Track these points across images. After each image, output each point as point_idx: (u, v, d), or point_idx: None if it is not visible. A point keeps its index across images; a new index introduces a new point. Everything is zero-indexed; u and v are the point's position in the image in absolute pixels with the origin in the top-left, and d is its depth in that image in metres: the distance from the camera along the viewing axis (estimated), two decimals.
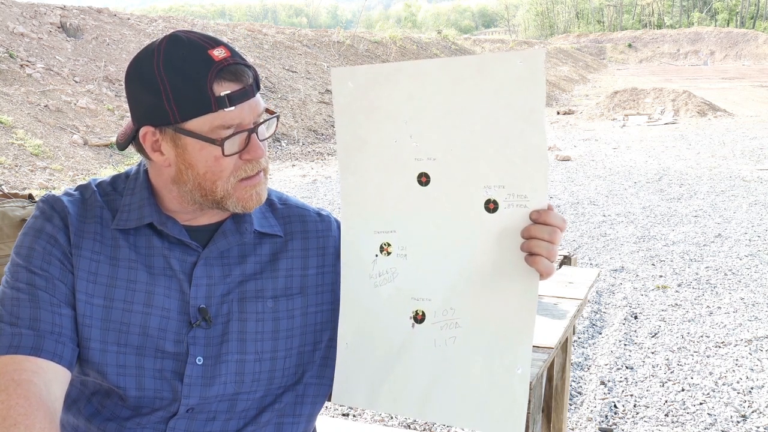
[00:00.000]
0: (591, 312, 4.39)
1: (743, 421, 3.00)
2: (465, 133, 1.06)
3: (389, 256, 1.12)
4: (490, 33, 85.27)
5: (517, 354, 1.07)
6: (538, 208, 1.04)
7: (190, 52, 1.03)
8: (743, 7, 76.33)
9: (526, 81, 1.03)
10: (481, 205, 1.06)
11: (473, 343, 1.09)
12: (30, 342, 1.01)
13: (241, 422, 1.11)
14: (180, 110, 1.02)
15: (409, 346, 1.12)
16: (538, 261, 1.03)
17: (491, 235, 1.06)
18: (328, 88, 16.66)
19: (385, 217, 1.12)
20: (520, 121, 1.04)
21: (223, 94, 1.02)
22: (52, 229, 1.08)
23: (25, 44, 12.05)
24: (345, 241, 1.15)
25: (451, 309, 1.10)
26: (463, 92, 1.06)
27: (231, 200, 1.08)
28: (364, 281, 1.14)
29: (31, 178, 7.90)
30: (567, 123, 16.47)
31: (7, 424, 0.92)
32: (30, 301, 1.04)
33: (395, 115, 1.09)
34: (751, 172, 9.23)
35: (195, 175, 1.06)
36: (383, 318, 1.14)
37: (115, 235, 1.10)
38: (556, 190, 8.42)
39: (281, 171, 10.25)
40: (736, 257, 5.51)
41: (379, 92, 1.09)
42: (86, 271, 1.07)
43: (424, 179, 1.09)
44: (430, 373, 1.12)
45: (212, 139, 1.03)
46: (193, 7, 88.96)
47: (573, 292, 1.95)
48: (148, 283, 1.08)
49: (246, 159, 1.06)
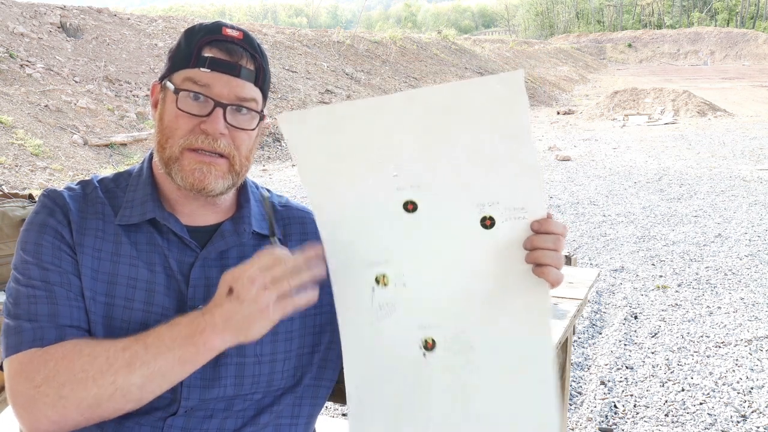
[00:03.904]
0: (591, 312, 4.39)
1: (743, 421, 2.99)
2: (449, 160, 1.04)
3: (387, 287, 1.07)
4: (490, 33, 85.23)
5: (537, 365, 1.04)
6: (537, 218, 1.03)
7: (210, 24, 1.10)
8: (743, 7, 76.29)
9: (507, 102, 1.01)
10: (477, 222, 1.04)
11: (490, 363, 1.06)
12: (53, 335, 1.01)
13: (239, 422, 1.11)
14: (172, 63, 1.10)
15: (424, 377, 1.08)
16: (547, 271, 1.01)
17: (491, 250, 1.04)
18: (328, 88, 16.67)
19: (375, 248, 1.07)
20: (507, 141, 1.02)
21: (207, 55, 1.07)
22: (56, 224, 1.07)
23: (25, 44, 12.05)
24: (336, 281, 1.09)
25: (463, 332, 1.06)
26: (442, 119, 1.03)
27: (175, 167, 1.08)
28: (363, 318, 1.09)
29: (31, 178, 7.89)
30: (567, 123, 16.47)
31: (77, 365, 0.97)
32: (47, 298, 1.03)
33: (366, 149, 1.06)
34: (751, 172, 9.22)
35: (161, 128, 1.10)
36: (391, 353, 1.09)
37: (117, 231, 1.10)
38: (556, 190, 8.42)
39: (281, 171, 10.24)
40: (736, 257, 5.51)
41: (340, 131, 1.06)
42: (89, 267, 1.07)
43: (410, 206, 1.06)
44: (451, 401, 1.07)
45: (176, 88, 1.07)
46: (193, 7, 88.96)
47: (573, 292, 1.95)
48: (148, 281, 1.08)
49: (203, 129, 1.07)
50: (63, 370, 0.97)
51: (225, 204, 1.18)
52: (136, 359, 0.97)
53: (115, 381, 0.96)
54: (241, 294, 0.96)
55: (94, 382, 0.96)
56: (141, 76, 12.91)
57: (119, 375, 0.96)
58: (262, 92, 1.13)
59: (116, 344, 0.99)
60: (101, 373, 0.96)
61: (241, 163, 1.11)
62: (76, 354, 0.98)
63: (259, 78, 1.11)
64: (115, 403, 0.98)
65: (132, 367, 0.97)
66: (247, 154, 1.13)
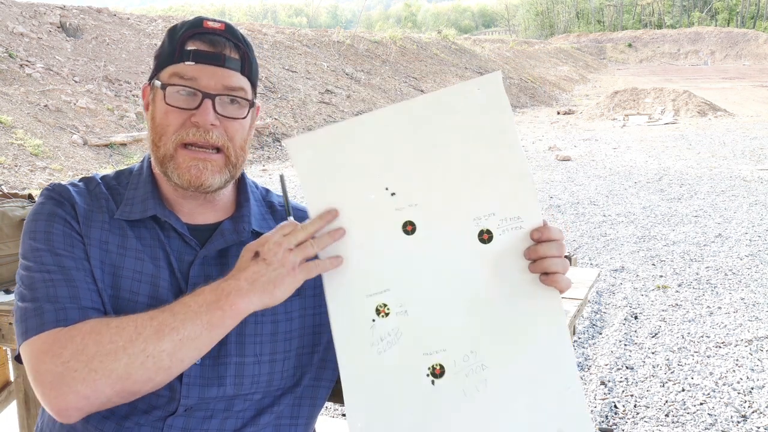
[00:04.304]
0: (591, 312, 4.39)
1: (743, 421, 2.99)
2: (442, 172, 1.03)
3: (388, 317, 1.05)
4: (490, 33, 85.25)
5: (560, 372, 1.02)
6: (534, 227, 1.02)
7: (191, 20, 1.11)
8: (743, 7, 76.30)
9: (489, 107, 1.01)
10: (475, 238, 1.02)
11: (511, 379, 1.03)
12: (76, 315, 1.00)
13: (239, 422, 1.10)
14: (159, 62, 1.11)
15: (435, 406, 1.04)
16: (557, 279, 1.01)
17: (492, 265, 1.02)
18: (328, 88, 16.66)
19: (375, 278, 1.05)
20: (494, 146, 1.01)
21: (189, 49, 1.07)
22: (65, 214, 1.07)
23: (25, 44, 12.05)
24: (334, 315, 1.06)
25: (472, 352, 1.03)
26: (429, 133, 1.02)
27: (171, 165, 1.08)
28: (365, 352, 1.05)
29: (31, 178, 7.89)
30: (567, 123, 16.47)
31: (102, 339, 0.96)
32: (65, 281, 1.02)
33: (365, 169, 1.04)
34: (751, 172, 9.22)
35: (153, 127, 1.10)
36: (396, 385, 1.05)
37: (122, 224, 1.10)
38: (556, 190, 8.42)
39: (281, 171, 10.25)
40: (737, 257, 5.51)
41: (341, 152, 1.04)
42: (97, 259, 1.06)
43: (409, 228, 1.04)
44: (467, 426, 1.04)
45: (163, 84, 1.07)
46: (193, 7, 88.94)
47: (573, 292, 1.94)
48: (153, 275, 1.08)
49: (194, 122, 1.07)
50: (91, 343, 0.95)
51: (224, 203, 1.18)
52: (165, 326, 0.96)
53: (146, 348, 0.95)
54: (268, 257, 0.99)
55: (124, 352, 0.95)
56: (141, 75, 12.91)
57: (149, 342, 0.95)
58: (250, 81, 1.13)
59: (143, 315, 0.98)
60: (131, 341, 0.95)
61: (237, 154, 1.11)
62: (104, 326, 0.97)
63: (245, 67, 1.11)
64: (146, 372, 0.96)
65: (161, 333, 0.96)
66: (242, 144, 1.12)
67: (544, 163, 10.49)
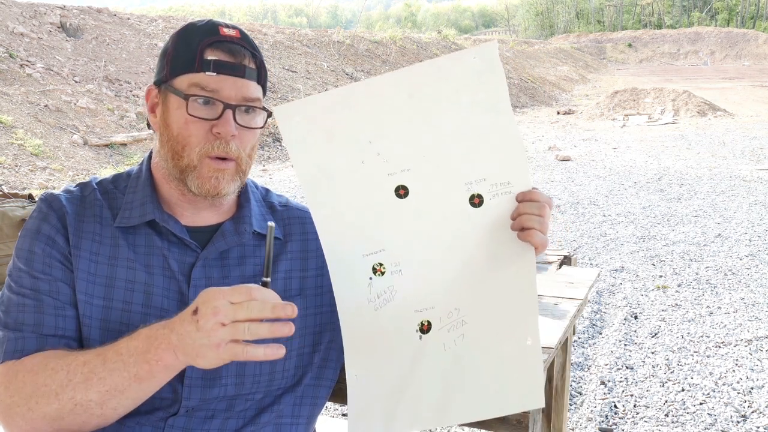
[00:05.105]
0: (591, 312, 4.39)
1: (743, 421, 2.99)
2: (435, 138, 1.06)
3: (384, 275, 1.10)
4: (490, 33, 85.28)
5: (524, 327, 1.06)
6: (522, 191, 1.05)
7: (204, 25, 1.10)
8: (743, 7, 76.30)
9: (485, 74, 1.03)
10: (466, 202, 1.06)
11: (482, 333, 1.08)
12: (33, 345, 1.03)
13: (240, 422, 1.11)
14: (172, 67, 1.08)
15: (419, 359, 1.10)
16: (531, 234, 1.03)
17: (482, 228, 1.06)
18: (328, 88, 16.66)
19: (370, 239, 1.09)
20: (488, 113, 1.04)
21: (210, 59, 1.06)
22: (49, 230, 1.08)
23: (25, 44, 12.05)
24: (334, 273, 1.10)
25: (456, 309, 1.09)
26: (424, 99, 1.05)
27: (192, 174, 1.08)
28: (363, 308, 1.10)
29: (31, 178, 7.89)
30: (567, 123, 16.47)
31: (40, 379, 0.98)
32: (35, 307, 1.04)
33: (356, 137, 1.07)
34: (751, 172, 9.22)
35: (169, 136, 1.09)
36: (390, 339, 1.11)
37: (115, 234, 1.10)
38: (556, 190, 8.42)
39: (281, 171, 10.24)
40: (736, 257, 5.51)
41: (332, 119, 1.07)
42: (86, 271, 1.07)
43: (402, 192, 1.08)
44: (443, 378, 1.09)
45: (185, 95, 1.06)
46: (193, 7, 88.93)
47: (573, 292, 1.94)
48: (146, 284, 1.08)
49: (216, 133, 1.07)
50: (29, 383, 0.98)
51: (226, 204, 1.18)
52: (93, 375, 0.96)
53: (74, 397, 0.96)
54: (200, 320, 0.90)
55: (55, 397, 0.97)
56: (141, 76, 12.91)
57: (77, 391, 0.96)
58: (262, 88, 1.14)
59: (79, 358, 0.98)
60: (61, 387, 0.97)
61: (246, 162, 1.12)
62: (42, 368, 0.99)
63: (261, 75, 1.12)
64: (78, 418, 0.97)
65: (89, 383, 0.96)
66: (250, 152, 1.13)
67: (544, 163, 10.49)
